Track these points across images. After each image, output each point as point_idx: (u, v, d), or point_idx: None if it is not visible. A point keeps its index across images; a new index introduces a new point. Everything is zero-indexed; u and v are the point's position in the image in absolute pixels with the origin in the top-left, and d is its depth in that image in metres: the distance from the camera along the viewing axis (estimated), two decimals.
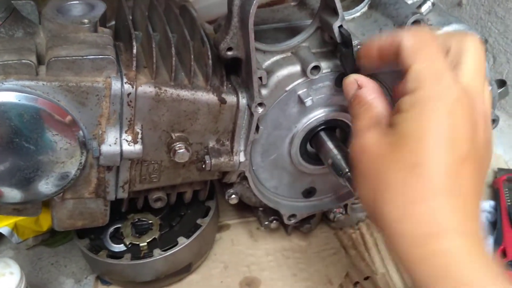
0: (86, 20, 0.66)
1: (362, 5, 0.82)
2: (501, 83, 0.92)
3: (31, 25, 0.68)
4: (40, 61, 0.64)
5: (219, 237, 0.94)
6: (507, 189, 0.97)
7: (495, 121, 0.92)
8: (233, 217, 0.98)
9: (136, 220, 0.84)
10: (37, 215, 0.75)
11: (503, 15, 1.18)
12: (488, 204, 0.95)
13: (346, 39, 0.68)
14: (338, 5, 0.67)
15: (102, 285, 0.86)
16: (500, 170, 1.05)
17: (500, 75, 1.22)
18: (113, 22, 0.82)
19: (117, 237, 0.83)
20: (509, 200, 0.94)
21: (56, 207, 0.74)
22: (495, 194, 0.98)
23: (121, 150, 0.68)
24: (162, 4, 0.84)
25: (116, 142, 0.68)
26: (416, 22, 0.75)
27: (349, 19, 0.81)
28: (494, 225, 0.91)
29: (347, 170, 0.74)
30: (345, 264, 0.90)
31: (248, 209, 0.94)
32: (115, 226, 0.84)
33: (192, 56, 0.69)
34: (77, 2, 0.71)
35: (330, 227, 0.96)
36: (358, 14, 0.81)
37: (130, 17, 0.75)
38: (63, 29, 0.66)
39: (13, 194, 0.68)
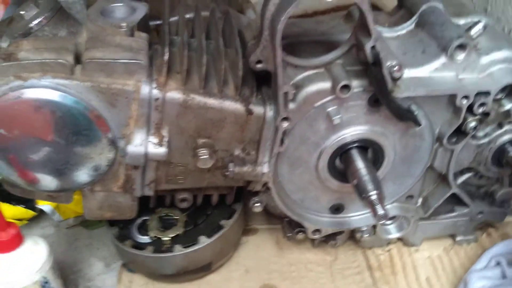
0: (124, 24, 0.69)
1: (409, 22, 0.78)
2: None
3: (75, 25, 0.72)
4: (79, 60, 0.67)
5: (245, 241, 0.96)
6: None
7: None
8: (262, 222, 0.99)
9: (164, 214, 0.87)
10: (68, 203, 0.79)
11: None
12: None
13: (377, 60, 0.66)
14: (371, 26, 0.64)
15: (127, 272, 0.90)
16: None
17: None
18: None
19: (144, 229, 0.86)
20: None
21: (86, 198, 0.78)
22: None
23: (146, 151, 0.70)
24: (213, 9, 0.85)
25: (142, 144, 0.70)
26: (461, 46, 0.71)
27: (393, 36, 0.78)
28: None
29: (370, 193, 0.73)
30: (368, 285, 0.88)
31: (278, 216, 0.94)
32: (143, 218, 0.87)
33: (223, 66, 0.70)
34: (121, 4, 0.73)
35: (358, 245, 0.94)
36: (403, 31, 0.78)
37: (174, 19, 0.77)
38: (102, 31, 0.69)
39: (47, 183, 0.72)
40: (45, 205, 0.96)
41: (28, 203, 0.98)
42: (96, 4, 0.74)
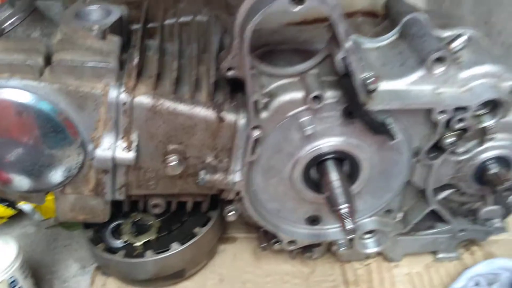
0: (95, 27, 0.69)
1: (391, 33, 0.77)
2: None
3: (49, 26, 0.72)
4: (50, 62, 0.67)
5: (222, 249, 0.94)
6: None
7: None
8: (241, 230, 0.98)
9: (138, 219, 0.87)
10: (41, 204, 0.79)
11: None
12: None
13: (348, 72, 0.64)
14: (342, 37, 0.63)
15: (101, 275, 0.90)
16: None
17: None
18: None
19: (118, 233, 0.86)
20: None
21: (58, 200, 0.78)
22: None
23: (114, 155, 0.70)
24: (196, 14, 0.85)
25: (110, 148, 0.70)
26: (440, 59, 0.69)
27: (374, 47, 0.77)
28: None
29: (340, 207, 0.71)
30: None
31: (254, 225, 0.93)
32: (118, 222, 0.87)
33: (195, 71, 0.70)
34: (97, 7, 0.73)
35: (337, 258, 0.92)
36: (385, 42, 0.77)
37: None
38: (74, 33, 0.69)
39: (20, 183, 0.72)
40: (25, 205, 0.96)
41: (10, 202, 0.98)
42: (73, 6, 0.74)
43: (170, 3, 0.97)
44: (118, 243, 0.85)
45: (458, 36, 0.73)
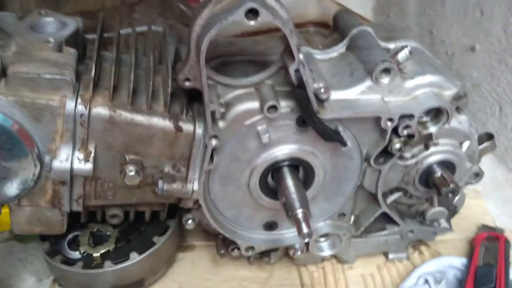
0: (51, 39, 0.69)
1: (340, 45, 0.81)
2: (488, 137, 0.89)
3: (3, 38, 0.71)
4: (5, 74, 0.67)
5: (181, 257, 0.95)
6: (483, 249, 0.93)
7: (478, 175, 0.89)
8: (199, 238, 0.99)
9: (96, 230, 0.86)
10: None
11: None
12: (459, 261, 0.91)
13: (301, 82, 0.67)
14: (295, 50, 0.66)
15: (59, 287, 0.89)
16: (484, 227, 1.00)
17: (505, 126, 1.16)
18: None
19: (76, 244, 0.85)
20: (481, 260, 0.90)
21: (14, 212, 0.77)
22: (471, 252, 0.94)
23: (72, 167, 0.70)
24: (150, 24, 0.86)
25: (68, 159, 0.70)
26: (385, 70, 0.73)
27: (325, 58, 0.81)
28: (460, 283, 0.87)
29: (296, 212, 0.74)
30: None
31: (212, 232, 0.94)
32: (74, 233, 0.86)
33: (151, 82, 0.71)
34: (52, 19, 0.73)
35: (294, 262, 0.95)
36: (335, 54, 0.81)
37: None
38: (30, 46, 0.69)
39: None
40: None
41: None
42: (27, 18, 0.74)
43: (124, 13, 0.98)
44: (76, 254, 0.84)
45: (402, 48, 0.77)
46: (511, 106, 1.16)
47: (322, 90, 0.71)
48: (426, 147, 0.81)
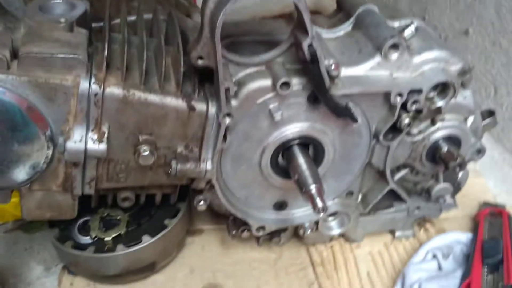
0: (62, 20, 0.69)
1: (346, 24, 0.82)
2: (489, 114, 0.91)
3: (12, 20, 0.70)
4: (16, 55, 0.66)
5: (191, 241, 0.95)
6: (487, 224, 0.95)
7: (480, 151, 0.91)
8: (207, 222, 0.99)
9: (106, 214, 0.86)
10: (6, 203, 0.77)
11: (507, 47, 1.15)
12: (465, 236, 0.93)
13: (315, 58, 0.68)
14: (309, 24, 0.66)
15: (69, 275, 0.88)
16: (485, 203, 1.03)
17: (500, 107, 1.19)
18: None
19: (86, 230, 0.85)
20: (486, 235, 0.92)
21: (24, 197, 0.76)
22: (475, 227, 0.96)
23: (86, 148, 0.70)
24: (156, 9, 0.86)
25: (82, 140, 0.69)
26: (394, 46, 0.74)
27: (332, 37, 0.81)
28: (468, 258, 0.89)
29: (310, 187, 0.74)
30: (310, 281, 0.90)
31: (224, 216, 0.94)
32: (84, 219, 0.86)
33: (164, 62, 0.71)
34: (60, 1, 0.73)
35: (302, 242, 0.96)
36: (341, 33, 0.82)
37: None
38: (40, 27, 0.68)
39: None
40: None
41: None
42: (35, 0, 0.73)
43: (124, 1, 0.97)
44: (87, 239, 0.84)
45: (407, 25, 0.79)
46: (506, 86, 1.18)
47: (333, 66, 0.72)
48: (433, 123, 0.83)
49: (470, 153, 0.90)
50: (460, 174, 0.93)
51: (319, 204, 0.73)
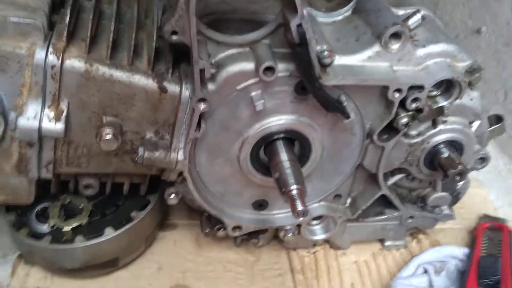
0: None
1: (345, 8, 0.73)
2: (497, 119, 0.83)
3: None
4: None
5: (162, 236, 0.88)
6: (486, 239, 0.87)
7: (485, 159, 0.83)
8: (182, 217, 0.91)
9: (68, 202, 0.79)
10: None
11: None
12: (461, 252, 0.85)
13: (303, 40, 0.60)
14: (298, 2, 0.58)
15: (25, 264, 0.81)
16: (485, 216, 0.95)
17: (510, 113, 1.10)
18: None
19: (44, 217, 0.78)
20: (485, 251, 0.84)
21: None
22: (472, 242, 0.88)
23: (40, 126, 0.62)
24: None
25: (36, 117, 0.62)
26: (396, 35, 0.66)
27: (329, 21, 0.73)
28: (462, 275, 0.81)
29: (291, 188, 0.67)
30: None
31: (197, 210, 0.87)
32: (44, 205, 0.78)
33: (135, 35, 0.63)
34: None
35: (283, 246, 0.88)
36: (339, 17, 0.73)
37: None
38: None
39: None
40: None
41: None
42: None
43: None
44: (44, 228, 0.76)
45: (414, 13, 0.70)
46: None
47: (326, 53, 0.64)
48: (434, 125, 0.75)
49: (472, 161, 0.82)
50: (460, 183, 0.84)
51: (299, 207, 0.65)
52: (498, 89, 1.15)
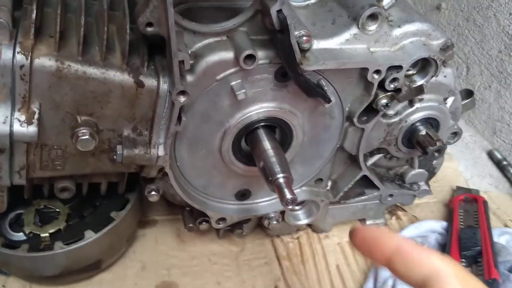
0: None
1: None
2: (468, 93, 0.84)
3: None
4: None
5: (142, 234, 0.85)
6: (462, 211, 0.89)
7: (457, 134, 0.84)
8: (162, 212, 0.89)
9: (42, 206, 0.75)
10: None
11: (481, 24, 1.09)
12: (439, 225, 0.87)
13: (284, 26, 0.58)
14: None
15: (1, 275, 0.77)
16: (459, 188, 0.97)
17: (472, 87, 1.13)
18: None
19: (19, 224, 0.74)
20: (462, 223, 0.86)
21: None
22: (450, 215, 0.90)
23: (11, 130, 0.58)
24: None
25: (6, 121, 0.58)
26: (373, 15, 0.66)
27: (303, 5, 0.72)
28: (443, 248, 0.83)
29: (277, 177, 0.66)
30: (275, 276, 0.82)
31: (178, 205, 0.85)
32: (17, 212, 0.74)
33: (106, 28, 0.60)
34: None
35: (267, 234, 0.88)
36: (313, 0, 0.72)
37: None
38: None
39: None
40: None
41: None
42: None
43: None
44: (20, 236, 0.73)
45: None
46: (479, 65, 1.12)
47: (304, 38, 0.63)
48: (411, 103, 0.75)
49: (446, 137, 0.83)
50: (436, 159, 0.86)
51: (288, 195, 0.64)
52: (460, 64, 1.18)
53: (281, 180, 0.66)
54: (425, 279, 0.45)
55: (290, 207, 0.65)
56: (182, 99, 0.61)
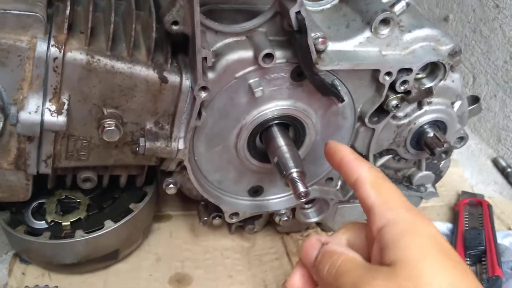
0: None
1: None
2: (474, 99, 0.87)
3: None
4: None
5: (157, 227, 0.88)
6: (467, 213, 0.92)
7: (463, 138, 0.87)
8: (176, 208, 0.92)
9: (64, 197, 0.78)
10: None
11: (487, 35, 1.13)
12: (445, 226, 0.90)
13: (302, 27, 0.62)
14: None
15: (21, 263, 0.80)
16: (464, 193, 1.00)
17: (478, 96, 1.16)
18: None
19: (41, 213, 0.77)
20: (467, 224, 0.89)
21: None
22: (455, 217, 0.93)
23: (42, 120, 0.61)
24: None
25: (38, 111, 0.61)
26: (385, 20, 0.69)
27: (318, 10, 0.75)
28: None
29: (291, 171, 0.69)
30: (286, 271, 0.84)
31: (194, 201, 0.87)
32: (39, 201, 0.77)
33: (134, 26, 0.63)
34: None
35: (277, 231, 0.90)
36: (328, 6, 0.76)
37: None
38: None
39: None
40: None
41: None
42: None
43: None
44: (42, 224, 0.76)
45: (398, 0, 0.73)
46: (485, 75, 1.16)
47: (320, 40, 0.66)
48: (420, 106, 0.78)
49: (452, 141, 0.86)
50: (443, 162, 0.89)
51: (301, 189, 0.67)
52: (467, 74, 1.21)
53: (295, 175, 0.69)
54: (353, 183, 0.61)
55: (303, 200, 0.68)
56: (203, 94, 0.65)
